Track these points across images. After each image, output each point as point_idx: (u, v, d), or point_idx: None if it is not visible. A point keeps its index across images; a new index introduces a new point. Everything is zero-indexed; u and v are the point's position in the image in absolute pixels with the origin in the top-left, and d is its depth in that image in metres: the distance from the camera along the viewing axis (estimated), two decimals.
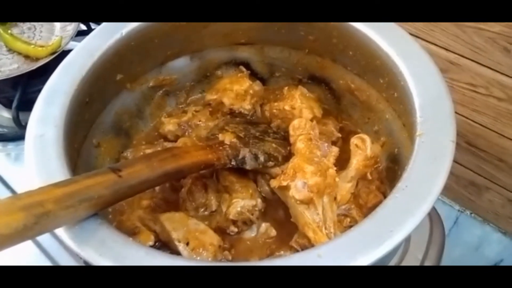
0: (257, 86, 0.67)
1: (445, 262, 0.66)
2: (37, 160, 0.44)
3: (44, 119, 0.48)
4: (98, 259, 0.36)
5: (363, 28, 0.55)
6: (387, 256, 0.37)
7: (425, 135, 0.43)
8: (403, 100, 0.51)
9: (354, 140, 0.56)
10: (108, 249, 0.37)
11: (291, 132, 0.58)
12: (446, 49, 0.73)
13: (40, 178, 0.43)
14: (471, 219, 0.90)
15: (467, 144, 0.81)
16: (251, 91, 0.66)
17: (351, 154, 0.56)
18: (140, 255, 0.37)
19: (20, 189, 0.74)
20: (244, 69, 0.69)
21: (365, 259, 0.35)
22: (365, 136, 0.56)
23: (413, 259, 0.63)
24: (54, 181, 0.39)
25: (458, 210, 0.91)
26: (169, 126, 0.65)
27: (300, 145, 0.55)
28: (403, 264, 0.63)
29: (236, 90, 0.66)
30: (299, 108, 0.63)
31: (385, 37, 0.53)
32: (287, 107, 0.63)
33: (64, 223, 0.38)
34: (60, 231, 0.39)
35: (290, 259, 0.36)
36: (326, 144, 0.58)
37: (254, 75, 0.70)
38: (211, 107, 0.67)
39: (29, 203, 0.35)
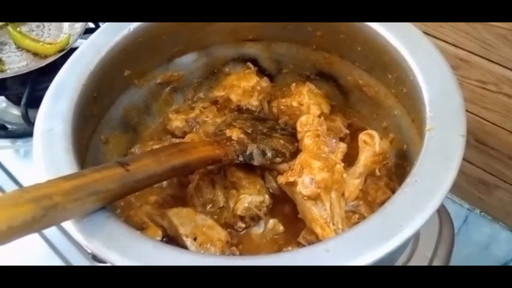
0: (265, 82, 0.67)
1: (454, 261, 0.65)
2: (45, 154, 0.44)
3: (52, 114, 0.48)
4: (106, 252, 0.36)
5: (371, 23, 0.55)
6: (396, 251, 0.36)
7: (435, 130, 0.43)
8: (412, 96, 0.50)
9: (362, 136, 0.56)
10: (115, 242, 0.37)
11: (298, 128, 0.57)
12: (456, 46, 0.72)
13: (48, 173, 0.43)
14: (481, 217, 0.89)
15: (477, 142, 0.80)
16: (258, 88, 0.66)
17: (359, 150, 0.56)
18: (147, 248, 0.37)
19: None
20: (251, 66, 0.69)
21: (374, 254, 0.34)
22: (374, 132, 0.56)
23: (422, 258, 0.63)
24: (62, 175, 0.39)
25: (468, 209, 0.90)
26: (177, 122, 0.65)
27: (307, 141, 0.55)
28: (412, 262, 0.62)
29: (243, 87, 0.65)
30: (307, 105, 0.62)
31: (393, 32, 0.52)
32: (294, 104, 0.63)
33: (72, 216, 0.38)
34: (68, 224, 0.39)
35: (298, 254, 0.36)
36: (334, 140, 0.58)
37: (261, 72, 0.70)
38: (218, 103, 0.67)
39: (37, 196, 0.35)
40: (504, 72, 0.69)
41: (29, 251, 0.69)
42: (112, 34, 0.56)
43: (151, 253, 0.36)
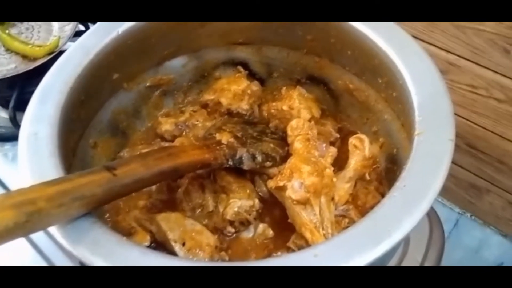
0: (255, 86, 0.67)
1: (445, 264, 0.65)
2: (30, 158, 0.44)
3: (39, 118, 0.47)
4: (91, 258, 0.36)
5: (361, 27, 0.54)
6: (385, 256, 0.36)
7: (424, 134, 0.42)
8: (401, 100, 0.50)
9: (352, 140, 0.56)
10: (101, 248, 0.37)
11: (289, 132, 0.57)
12: (446, 51, 0.72)
13: (33, 177, 0.42)
14: (471, 221, 0.89)
15: (468, 146, 0.80)
16: (248, 91, 0.65)
17: (349, 154, 0.56)
18: (134, 254, 0.36)
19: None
20: (242, 69, 0.69)
21: (362, 259, 0.34)
22: (364, 136, 0.56)
23: (412, 261, 0.63)
24: (47, 179, 0.38)
25: (458, 213, 0.90)
26: (166, 126, 0.64)
27: (297, 145, 0.54)
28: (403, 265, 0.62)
29: (233, 90, 0.65)
30: (297, 109, 0.62)
31: (383, 35, 0.52)
32: (285, 107, 0.62)
33: (56, 222, 0.37)
34: (53, 230, 0.38)
35: (286, 259, 0.36)
36: (324, 145, 0.58)
37: (252, 76, 0.70)
38: (209, 107, 0.67)
39: (21, 201, 0.34)
40: (494, 76, 0.69)
41: (16, 256, 0.68)
42: (100, 36, 0.56)
43: (137, 259, 0.36)
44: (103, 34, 0.56)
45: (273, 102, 0.65)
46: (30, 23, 0.85)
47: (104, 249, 0.37)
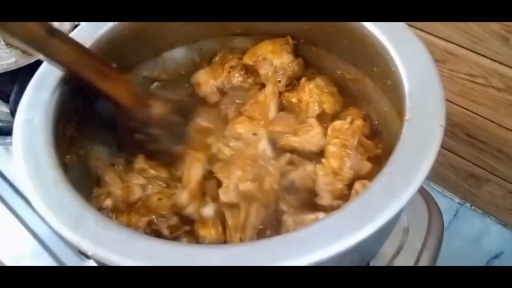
0: (298, 65, 0.63)
1: (445, 254, 0.66)
2: (24, 144, 0.44)
3: (34, 104, 0.47)
4: (78, 240, 0.36)
5: None
6: (373, 239, 0.36)
7: (413, 120, 0.42)
8: (395, 88, 0.50)
9: (356, 185, 0.52)
10: (87, 232, 0.37)
11: (328, 132, 0.55)
12: (444, 39, 0.72)
13: (26, 162, 0.43)
14: (471, 211, 0.89)
15: (467, 135, 0.80)
16: (289, 71, 0.63)
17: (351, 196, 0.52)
18: (120, 238, 0.36)
19: (18, 182, 0.75)
20: (290, 40, 0.64)
21: (347, 242, 0.34)
22: (369, 184, 0.51)
23: (411, 249, 0.64)
24: (40, 166, 0.39)
25: (458, 203, 0.90)
26: (207, 88, 0.63)
27: (331, 148, 0.53)
28: (402, 253, 0.63)
29: (276, 65, 0.62)
30: (306, 102, 0.60)
31: (377, 24, 0.52)
32: (294, 100, 0.61)
33: None
34: (51, 219, 0.38)
35: (271, 242, 0.36)
36: (359, 157, 0.54)
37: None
38: (245, 68, 0.65)
39: None
40: (493, 65, 0.69)
41: (18, 248, 0.69)
42: (96, 27, 0.56)
43: (124, 242, 0.36)
44: (99, 25, 0.56)
45: (287, 93, 0.63)
46: None
47: (90, 233, 0.37)
